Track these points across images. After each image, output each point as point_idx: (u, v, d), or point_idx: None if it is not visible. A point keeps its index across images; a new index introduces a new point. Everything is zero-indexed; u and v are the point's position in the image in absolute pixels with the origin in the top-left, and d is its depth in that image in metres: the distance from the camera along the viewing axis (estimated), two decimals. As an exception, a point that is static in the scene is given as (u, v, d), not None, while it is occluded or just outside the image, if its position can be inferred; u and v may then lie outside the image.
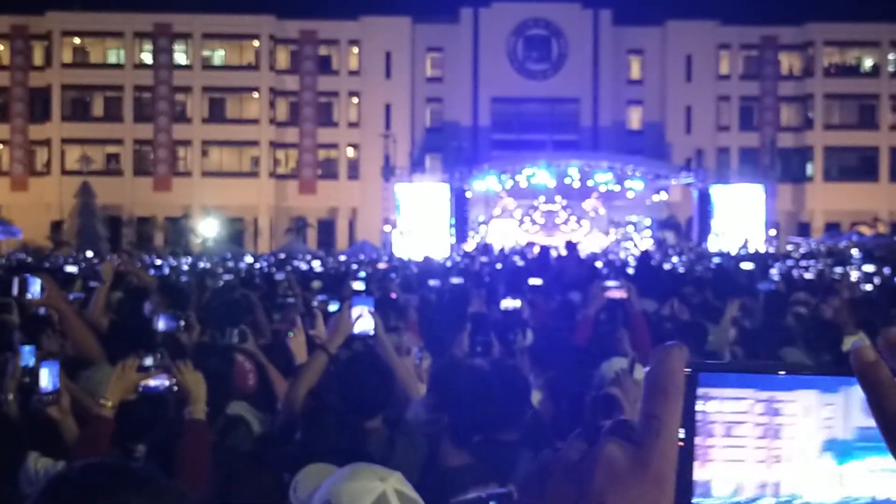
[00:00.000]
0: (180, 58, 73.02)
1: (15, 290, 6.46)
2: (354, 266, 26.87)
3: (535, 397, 6.07)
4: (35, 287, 6.34)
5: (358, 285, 12.70)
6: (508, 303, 10.27)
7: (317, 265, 30.02)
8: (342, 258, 39.88)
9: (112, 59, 73.37)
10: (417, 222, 55.65)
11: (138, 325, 8.46)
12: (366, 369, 5.82)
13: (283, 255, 41.07)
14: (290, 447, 5.13)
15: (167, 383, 4.79)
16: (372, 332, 6.09)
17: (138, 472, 2.31)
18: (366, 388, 5.45)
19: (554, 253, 24.85)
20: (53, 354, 6.13)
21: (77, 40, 72.99)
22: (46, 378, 4.96)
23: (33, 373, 5.07)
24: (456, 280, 15.83)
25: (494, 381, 5.76)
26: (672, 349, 0.91)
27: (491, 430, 5.43)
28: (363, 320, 6.01)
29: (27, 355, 5.37)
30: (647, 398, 0.90)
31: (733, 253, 40.56)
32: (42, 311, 8.87)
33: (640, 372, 5.92)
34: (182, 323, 7.49)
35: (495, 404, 5.43)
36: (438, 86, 74.55)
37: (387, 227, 59.52)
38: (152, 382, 4.80)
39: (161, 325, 7.44)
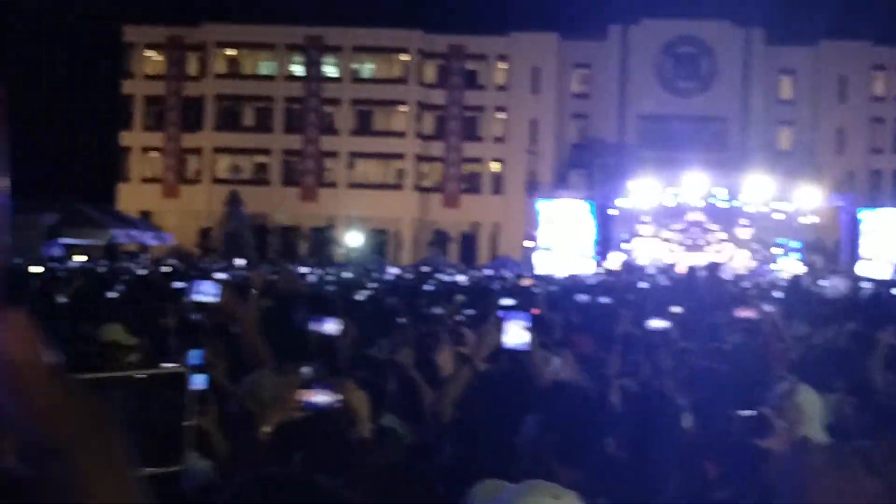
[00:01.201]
0: (330, 70, 74.14)
1: (190, 294, 6.62)
2: (497, 281, 26.85)
3: (686, 420, 6.00)
4: (212, 290, 6.48)
5: (508, 301, 12.70)
6: (656, 323, 10.12)
7: (462, 279, 30.07)
8: (487, 272, 39.84)
9: (264, 70, 74.90)
10: (558, 239, 55.32)
11: (290, 333, 8.57)
12: (513, 384, 5.82)
13: (426, 268, 41.22)
14: (442, 459, 5.15)
15: (330, 400, 4.74)
16: (525, 348, 6.02)
17: (325, 487, 2.30)
18: (513, 403, 5.44)
19: (703, 273, 24.54)
20: (212, 361, 6.25)
21: (230, 52, 74.68)
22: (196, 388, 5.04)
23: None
24: (604, 300, 15.70)
25: (643, 403, 5.72)
26: None
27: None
28: (516, 335, 5.94)
29: (194, 359, 5.48)
30: None
31: (886, 279, 39.45)
32: (197, 316, 9.07)
33: (804, 394, 5.78)
34: (340, 328, 7.51)
35: (637, 425, 5.40)
36: (585, 102, 74.27)
37: (528, 243, 59.31)
38: (315, 399, 4.75)
39: (320, 327, 7.45)
